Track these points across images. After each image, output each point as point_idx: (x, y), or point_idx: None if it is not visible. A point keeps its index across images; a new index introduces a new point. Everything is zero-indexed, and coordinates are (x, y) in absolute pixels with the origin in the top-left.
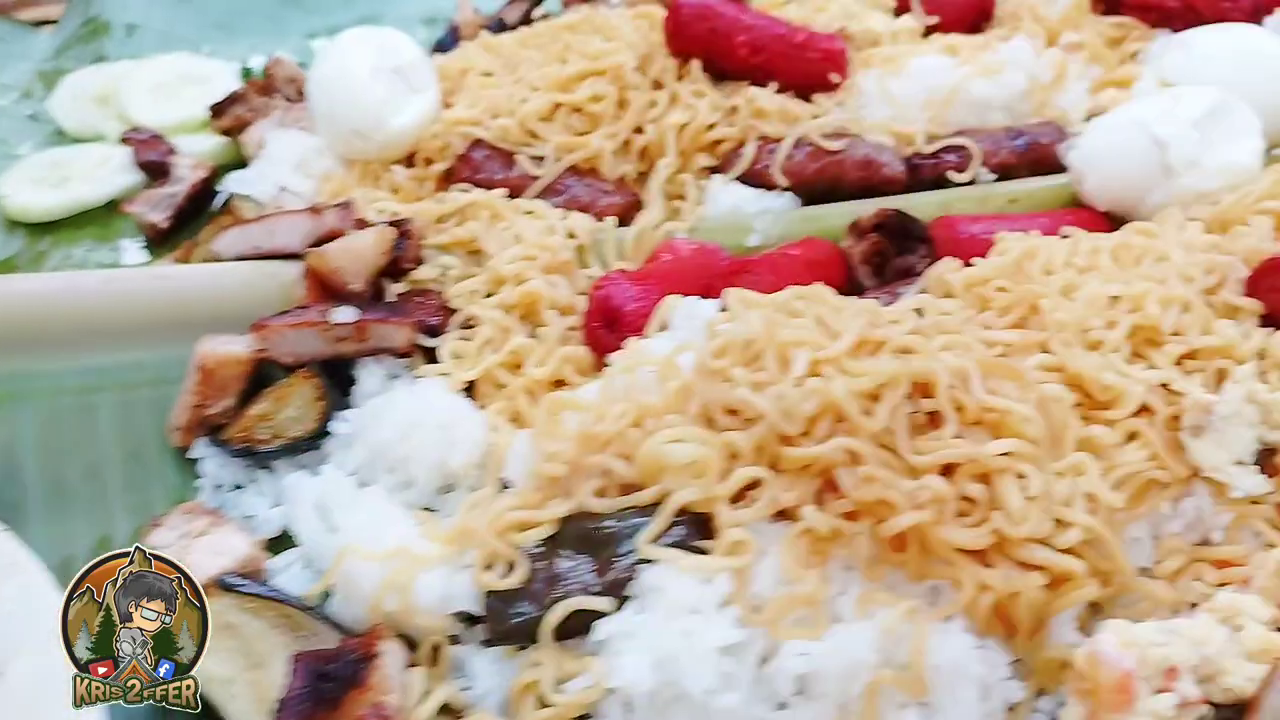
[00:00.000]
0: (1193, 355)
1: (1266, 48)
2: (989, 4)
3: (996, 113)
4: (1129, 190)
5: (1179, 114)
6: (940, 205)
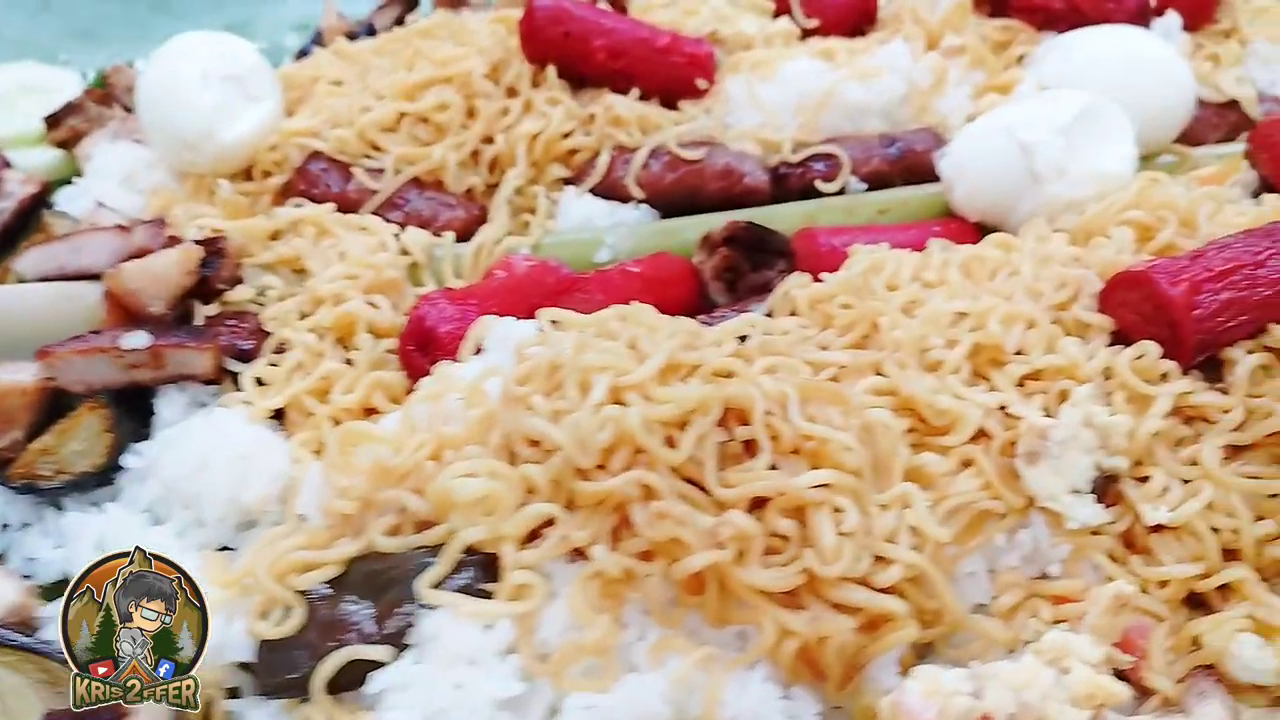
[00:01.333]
0: (1036, 376)
1: (1146, 50)
2: (871, 6)
3: (873, 119)
4: (998, 199)
5: (1046, 119)
6: (805, 216)
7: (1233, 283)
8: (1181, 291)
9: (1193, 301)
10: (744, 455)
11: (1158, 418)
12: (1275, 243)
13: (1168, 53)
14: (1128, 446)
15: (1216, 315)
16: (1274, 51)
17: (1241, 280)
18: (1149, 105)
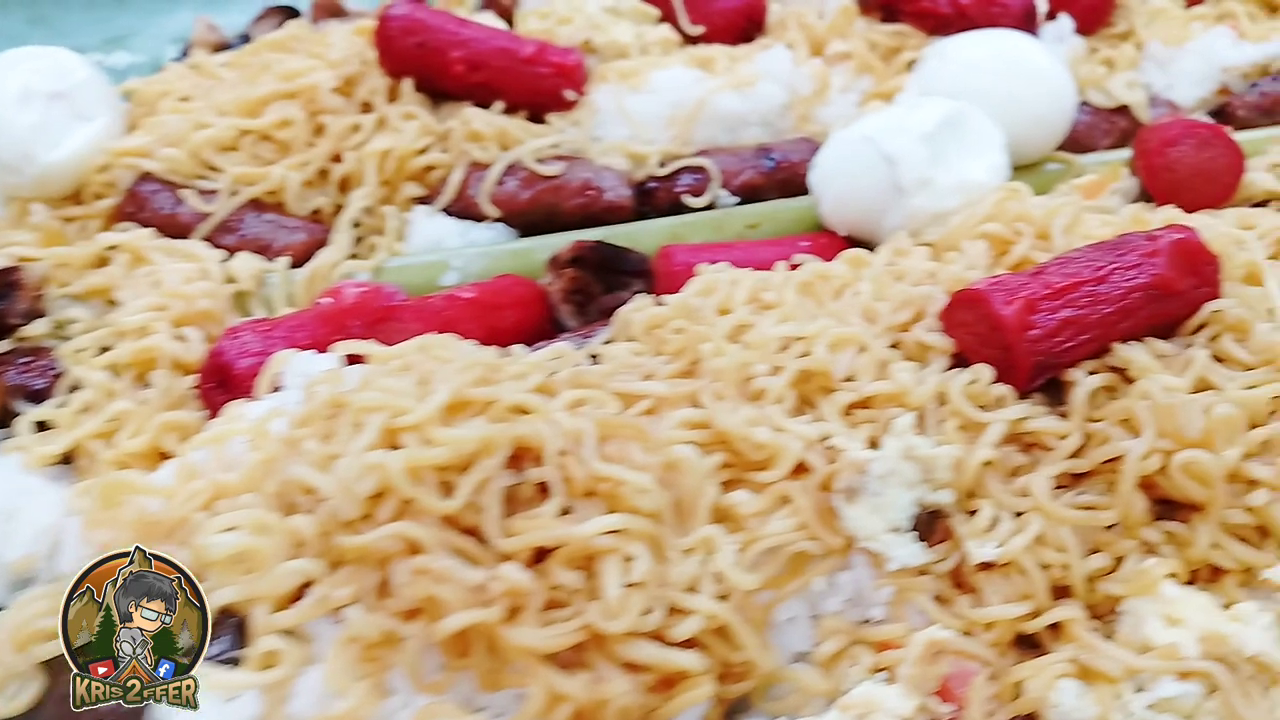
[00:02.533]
0: (865, 404)
1: (1024, 55)
2: (758, 12)
3: (753, 129)
4: (864, 212)
5: (908, 129)
6: (670, 233)
7: (1072, 300)
8: (1014, 311)
9: (1027, 321)
10: (539, 499)
11: (988, 446)
12: (1120, 256)
13: (1046, 58)
14: (956, 479)
15: (1054, 335)
16: (1170, 54)
17: (1082, 297)
18: (1027, 112)
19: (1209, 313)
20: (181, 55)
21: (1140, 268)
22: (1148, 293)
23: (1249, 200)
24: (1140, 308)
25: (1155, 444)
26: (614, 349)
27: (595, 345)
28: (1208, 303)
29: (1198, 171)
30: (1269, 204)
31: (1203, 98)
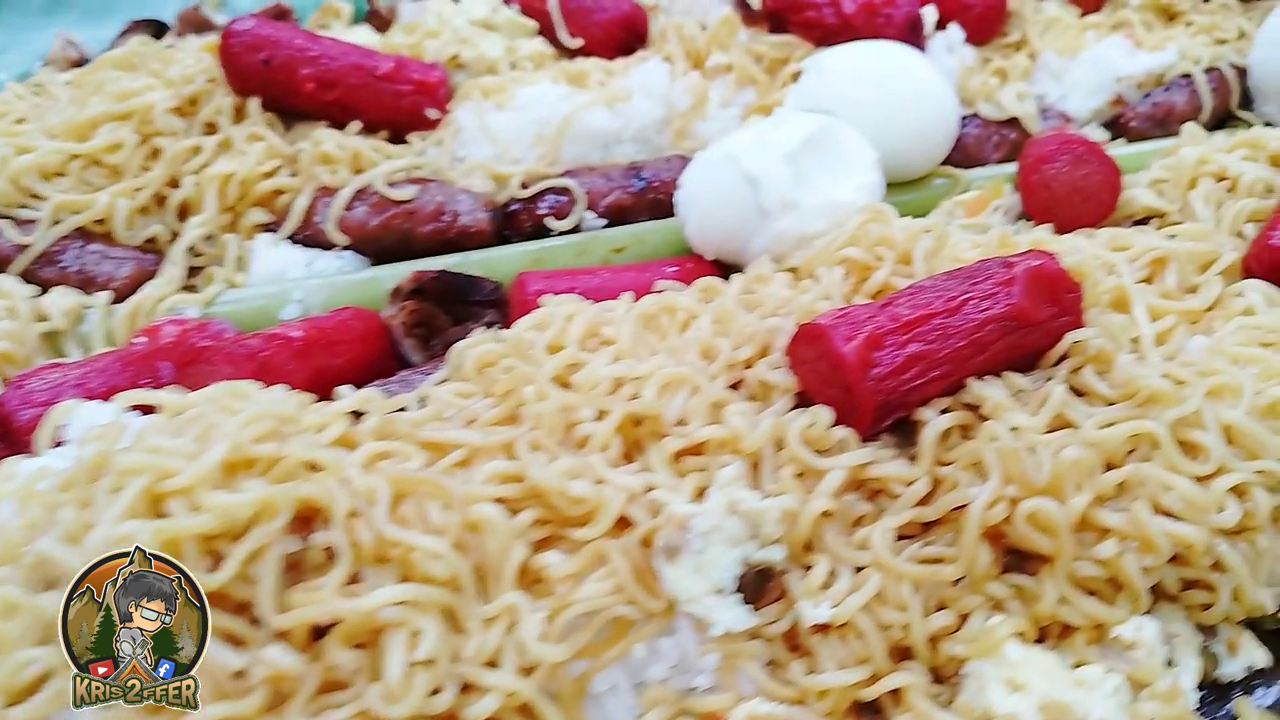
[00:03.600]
0: (697, 450)
1: (905, 67)
2: (640, 23)
3: (627, 146)
4: (729, 235)
5: (770, 147)
6: (530, 259)
7: (921, 334)
8: (855, 348)
9: (869, 359)
10: (329, 566)
11: (826, 496)
12: (975, 285)
13: (927, 70)
14: (789, 533)
15: (901, 373)
16: (1064, 65)
17: (931, 331)
18: (907, 127)
19: (1070, 344)
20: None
21: (995, 297)
22: (1003, 324)
23: (1130, 218)
24: (996, 340)
25: (1001, 491)
26: (439, 391)
27: (428, 385)
28: (1069, 333)
29: (1074, 189)
30: (1150, 221)
31: (1096, 109)
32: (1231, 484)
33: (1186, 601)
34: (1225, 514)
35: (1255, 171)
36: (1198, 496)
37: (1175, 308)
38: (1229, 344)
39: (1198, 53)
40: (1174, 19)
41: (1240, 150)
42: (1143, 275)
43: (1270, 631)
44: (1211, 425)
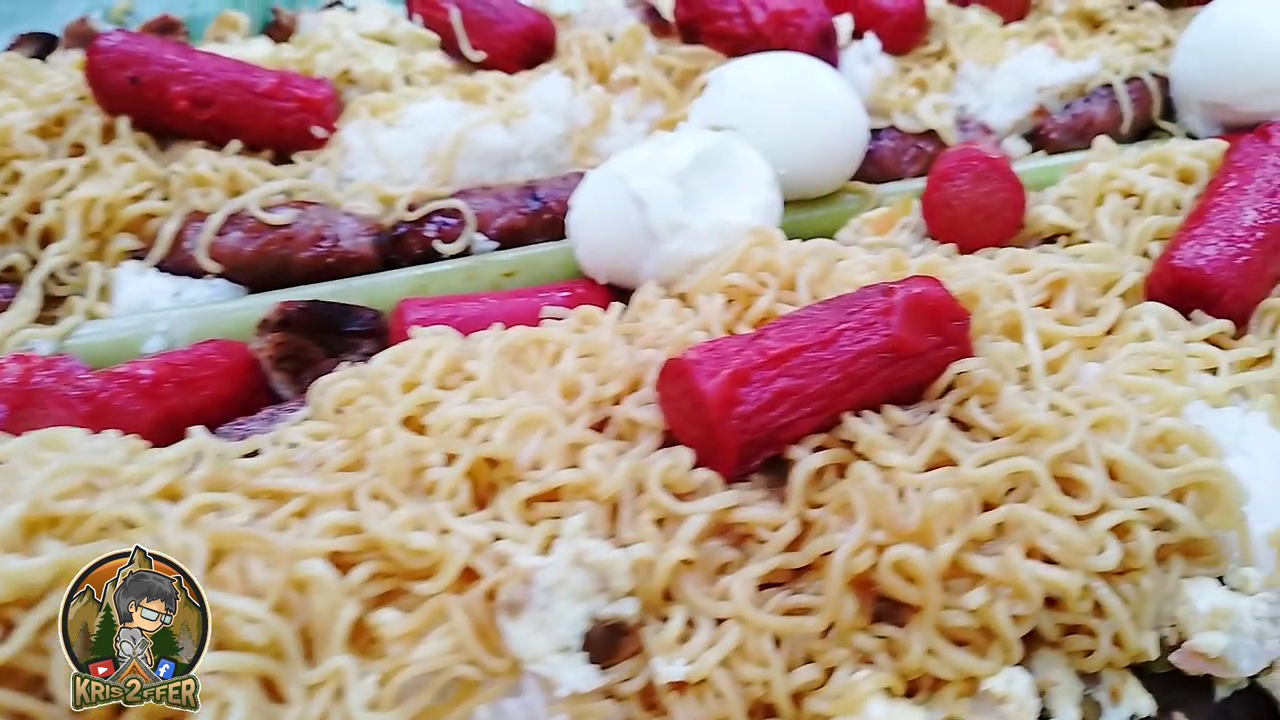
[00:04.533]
0: (552, 497)
1: (809, 81)
2: (546, 35)
3: (526, 164)
4: (619, 258)
5: (658, 167)
6: (416, 285)
7: (791, 368)
8: (718, 384)
9: (733, 395)
10: None
11: (684, 544)
12: (851, 315)
13: (834, 83)
14: (643, 584)
15: (768, 410)
16: (985, 75)
17: (802, 365)
18: (813, 142)
19: (955, 375)
20: None
21: (873, 328)
22: (881, 356)
23: (1038, 235)
24: (873, 373)
25: (867, 536)
26: (294, 431)
27: (288, 425)
28: (954, 364)
29: (976, 207)
30: (1058, 239)
31: (1018, 119)
32: (1113, 523)
33: (1067, 648)
34: (1105, 556)
35: (1163, 187)
36: (1074, 539)
37: (1070, 333)
38: (1120, 372)
39: (1120, 62)
40: (1098, 27)
41: (1149, 165)
42: (1041, 298)
43: (1157, 676)
44: (1095, 461)
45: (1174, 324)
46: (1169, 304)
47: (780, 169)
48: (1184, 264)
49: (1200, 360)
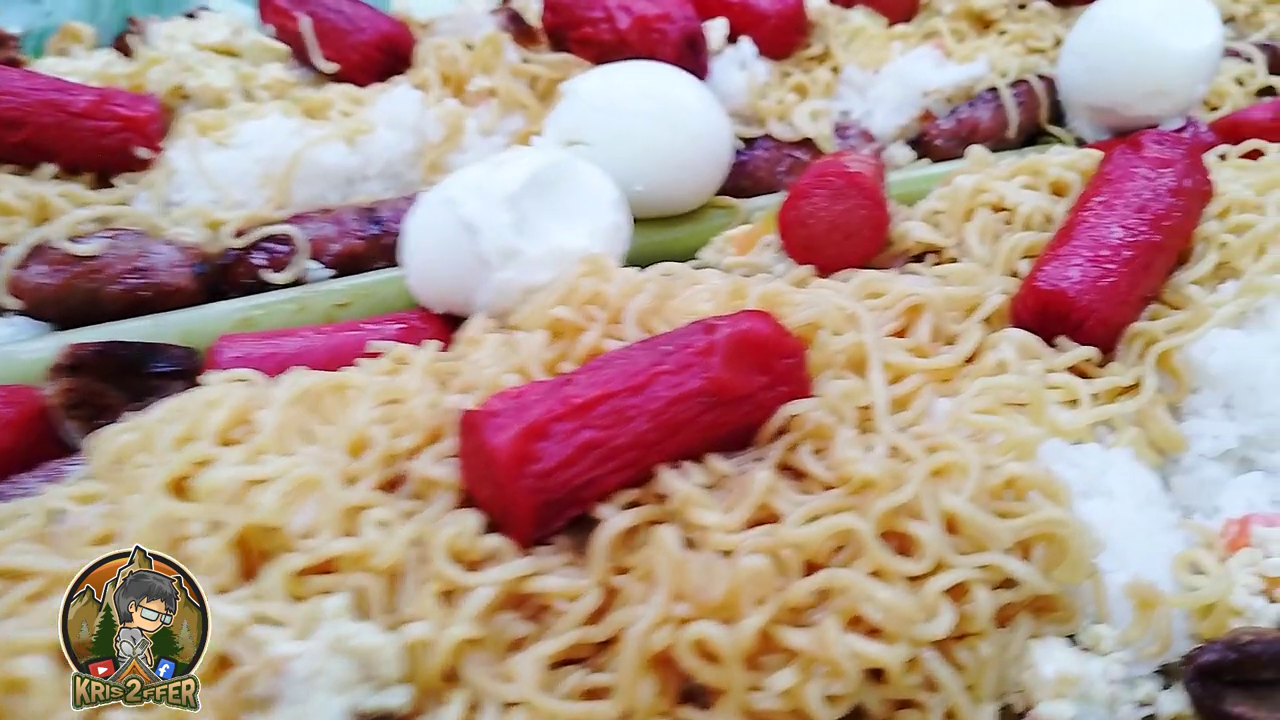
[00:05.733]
0: (326, 568)
1: (667, 92)
2: (403, 45)
3: (374, 184)
4: (452, 288)
5: (489, 189)
6: (241, 319)
7: (596, 418)
8: (509, 439)
9: (527, 451)
10: None
11: (467, 621)
12: (668, 356)
13: (694, 93)
14: (420, 668)
15: (569, 465)
16: (868, 78)
17: (609, 414)
18: (671, 155)
19: (786, 418)
20: None
21: (692, 369)
22: (700, 400)
23: (906, 254)
24: (691, 419)
25: (668, 609)
26: (58, 494)
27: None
28: (785, 405)
29: (834, 226)
30: (926, 258)
31: (903, 125)
32: (948, 584)
33: None
34: (936, 623)
35: (1034, 201)
36: (900, 605)
37: (921, 366)
38: (969, 410)
39: (1007, 64)
40: (989, 27)
41: (1021, 177)
42: (896, 326)
43: None
44: (930, 515)
45: (1035, 352)
46: (1033, 329)
47: (636, 186)
48: (1046, 286)
49: (1062, 392)
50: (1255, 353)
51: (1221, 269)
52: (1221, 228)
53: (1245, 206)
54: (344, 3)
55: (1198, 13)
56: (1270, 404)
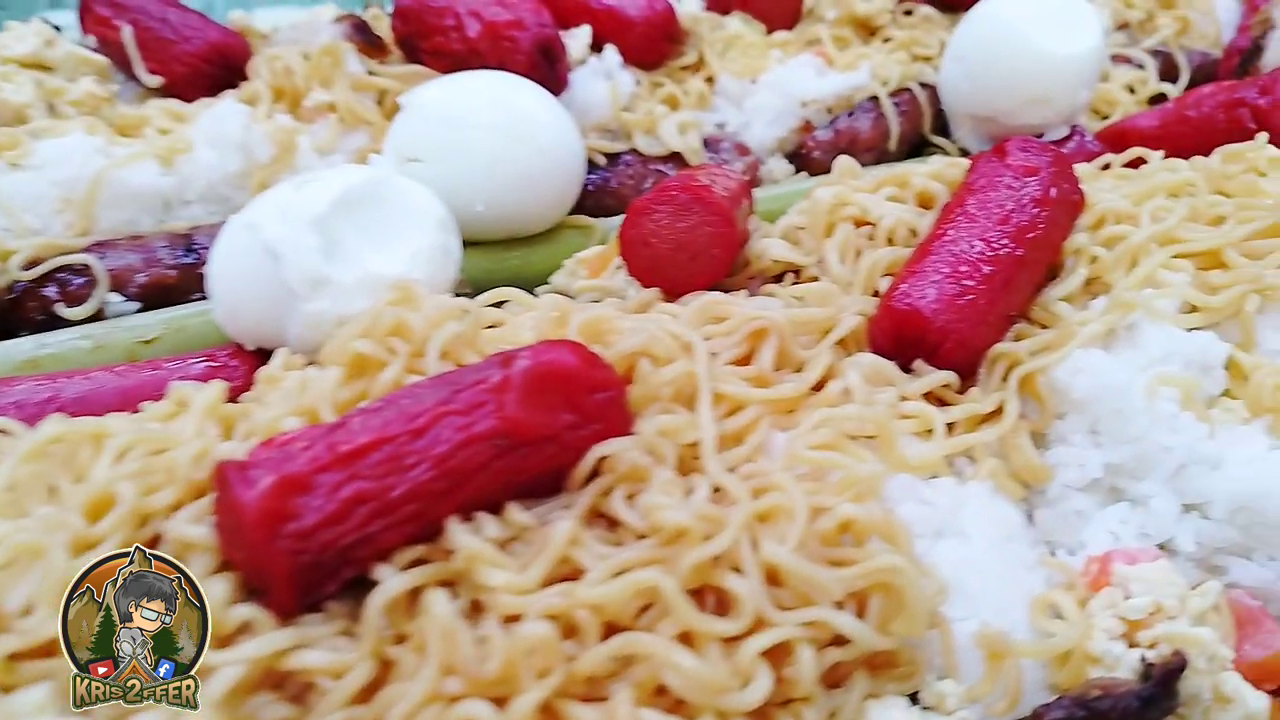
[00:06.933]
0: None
1: (505, 101)
2: (236, 56)
3: (195, 207)
4: (262, 320)
5: (293, 212)
6: (28, 360)
7: (367, 467)
8: (260, 495)
9: (282, 508)
10: None
11: (207, 707)
12: (457, 394)
13: (538, 103)
14: None
15: (336, 522)
16: (745, 88)
17: (383, 462)
18: (516, 172)
19: (597, 459)
20: None
21: (483, 409)
22: (493, 444)
23: (763, 274)
24: (483, 465)
25: (437, 686)
26: None
27: None
28: (597, 446)
29: (679, 245)
30: (785, 278)
31: (780, 137)
32: (767, 645)
33: None
34: (750, 690)
35: (897, 213)
36: (704, 674)
37: (759, 396)
38: (806, 444)
39: (889, 71)
40: (873, 34)
41: (886, 189)
42: (739, 353)
43: None
44: (749, 566)
45: (887, 378)
46: (889, 352)
47: (478, 205)
48: (901, 306)
49: (915, 421)
50: (1121, 374)
51: (1093, 284)
52: (1093, 240)
53: (1119, 217)
54: (171, 11)
55: (1077, 16)
56: (1137, 428)
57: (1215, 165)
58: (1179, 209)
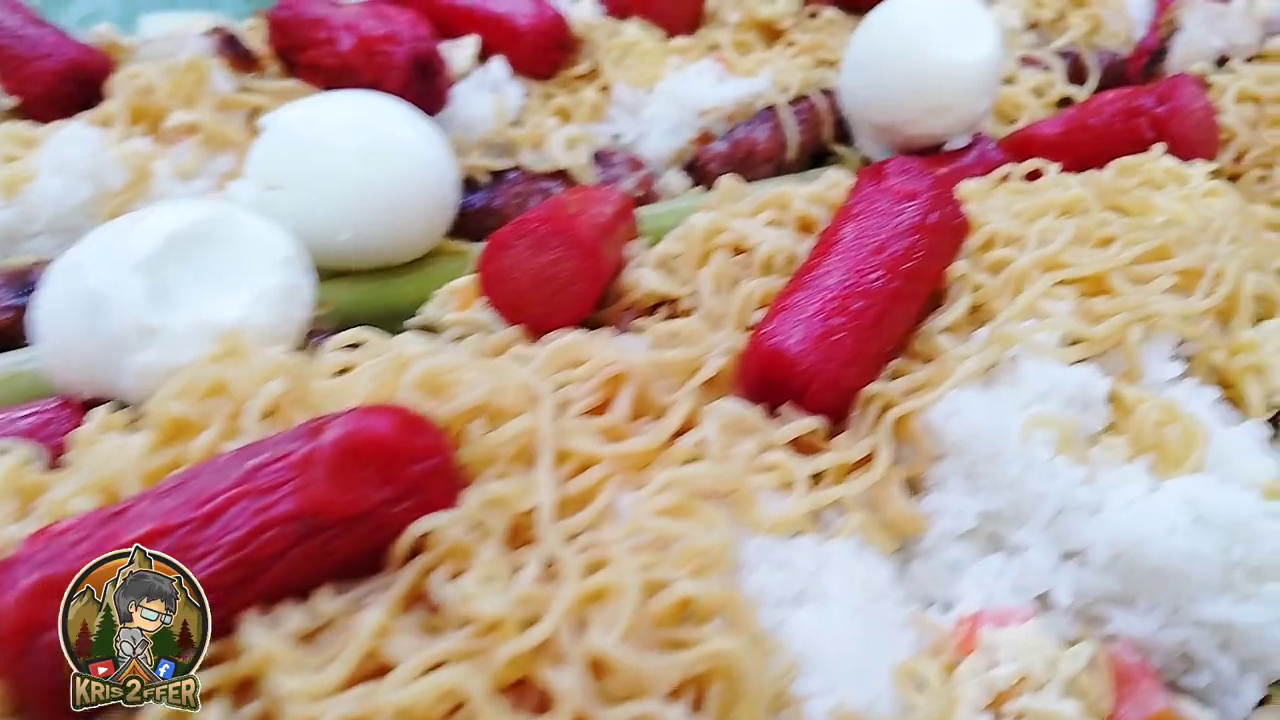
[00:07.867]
0: None
1: (367, 122)
2: (96, 72)
3: (42, 240)
4: (90, 371)
5: (119, 254)
6: None
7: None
8: (16, 599)
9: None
10: None
11: None
12: (258, 470)
13: (404, 123)
14: None
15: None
16: (641, 98)
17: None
18: (381, 197)
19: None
20: None
21: (285, 487)
22: (296, 526)
23: (638, 306)
24: (284, 551)
25: None
26: None
27: None
28: (417, 521)
29: (540, 280)
30: (659, 309)
31: (678, 149)
32: None
33: None
34: None
35: (776, 240)
36: None
37: (607, 453)
38: (649, 509)
39: (790, 77)
40: (777, 38)
41: (766, 212)
42: (595, 401)
43: None
44: (573, 657)
45: (749, 426)
46: (757, 394)
47: (342, 234)
48: (766, 346)
49: (777, 474)
50: (998, 414)
51: (978, 311)
52: (978, 265)
53: (1007, 240)
54: (27, 26)
55: (972, 23)
56: (1012, 474)
57: (1109, 180)
58: (1067, 230)
